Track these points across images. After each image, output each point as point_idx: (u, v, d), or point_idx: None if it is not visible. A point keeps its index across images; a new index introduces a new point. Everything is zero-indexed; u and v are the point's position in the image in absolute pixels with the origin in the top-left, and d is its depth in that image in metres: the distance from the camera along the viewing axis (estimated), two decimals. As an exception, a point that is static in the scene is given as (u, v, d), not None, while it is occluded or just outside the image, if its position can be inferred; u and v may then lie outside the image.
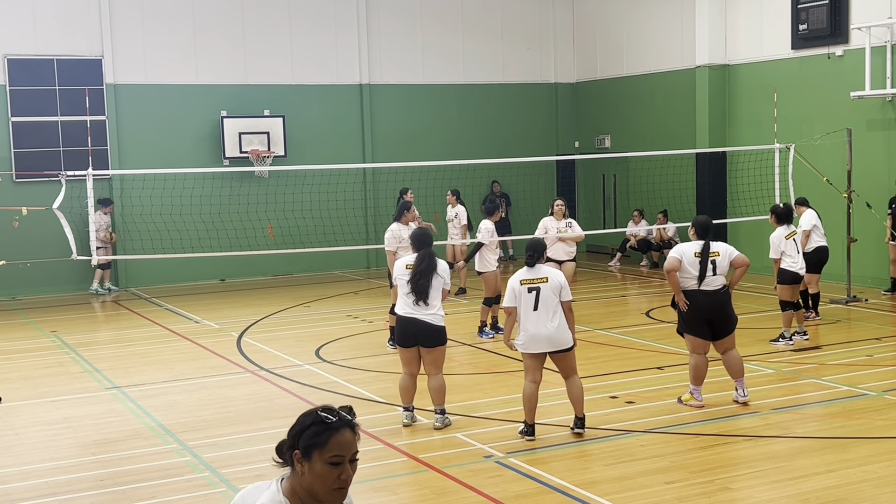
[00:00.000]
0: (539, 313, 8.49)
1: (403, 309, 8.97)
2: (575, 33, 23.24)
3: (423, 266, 8.92)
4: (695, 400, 9.55)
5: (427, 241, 9.14)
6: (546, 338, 8.51)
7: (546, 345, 8.55)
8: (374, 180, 20.99)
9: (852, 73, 16.68)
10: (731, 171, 19.31)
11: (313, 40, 20.96)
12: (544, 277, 8.58)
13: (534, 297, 8.52)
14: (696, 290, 9.37)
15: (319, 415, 3.28)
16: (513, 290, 8.62)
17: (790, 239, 12.42)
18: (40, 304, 17.86)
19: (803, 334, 12.51)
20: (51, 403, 10.59)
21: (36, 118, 18.84)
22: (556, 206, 14.02)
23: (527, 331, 8.56)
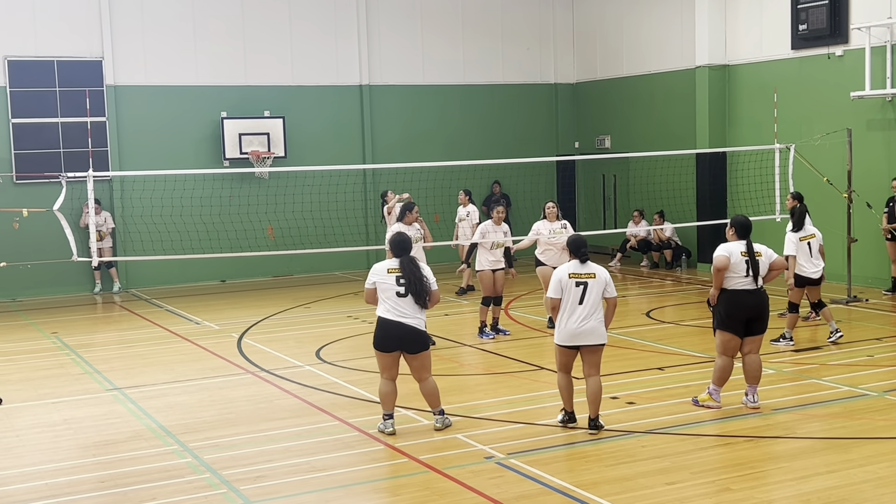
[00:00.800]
0: (584, 307, 8.68)
1: (390, 312, 8.90)
2: (575, 34, 23.25)
3: (408, 273, 8.90)
4: (713, 401, 9.52)
5: (407, 246, 9.12)
6: (588, 331, 8.70)
7: (583, 338, 8.72)
8: (375, 181, 20.99)
9: (852, 74, 16.68)
10: (732, 172, 19.31)
11: (313, 41, 20.96)
12: (593, 273, 8.77)
13: (581, 290, 8.68)
14: (741, 290, 9.35)
15: None
16: (560, 281, 8.74)
17: (804, 242, 12.32)
18: (41, 306, 17.86)
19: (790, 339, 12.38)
20: (51, 405, 10.59)
21: (36, 119, 18.84)
22: (549, 209, 13.92)
23: (568, 324, 8.70)
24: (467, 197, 17.93)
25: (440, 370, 11.68)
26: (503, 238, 13.39)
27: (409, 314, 8.88)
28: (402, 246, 9.10)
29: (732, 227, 9.69)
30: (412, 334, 8.90)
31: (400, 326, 8.87)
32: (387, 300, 8.92)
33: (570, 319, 8.70)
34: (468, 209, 17.62)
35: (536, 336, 13.62)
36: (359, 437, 8.99)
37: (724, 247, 9.54)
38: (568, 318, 8.71)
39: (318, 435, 9.07)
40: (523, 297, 17.08)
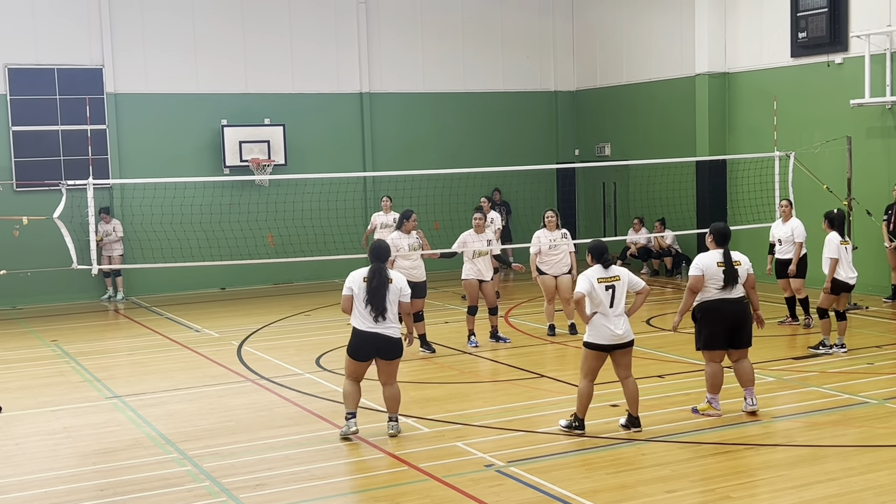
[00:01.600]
0: (615, 309, 8.87)
1: (363, 323, 8.94)
2: (574, 41, 23.28)
3: (375, 281, 8.92)
4: (712, 409, 9.53)
5: (381, 254, 9.13)
6: (620, 333, 8.87)
7: (617, 339, 8.88)
8: (375, 189, 21.00)
9: (852, 81, 16.70)
10: (731, 179, 19.32)
11: (313, 49, 20.99)
12: (617, 276, 8.97)
13: (611, 294, 8.86)
14: (721, 299, 9.39)
15: None
16: (590, 282, 8.86)
17: (843, 246, 12.07)
18: (41, 314, 17.86)
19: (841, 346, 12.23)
20: (51, 413, 10.58)
21: (36, 127, 18.86)
22: (548, 219, 13.83)
23: (604, 326, 8.85)
24: (489, 203, 17.94)
25: (441, 378, 11.69)
26: (485, 247, 13.25)
27: (384, 323, 8.92)
28: (375, 253, 9.14)
29: (711, 234, 9.72)
30: (388, 343, 8.97)
31: (376, 337, 8.92)
32: (362, 309, 8.94)
33: (606, 322, 8.85)
34: (491, 215, 17.60)
35: (536, 344, 13.61)
36: (359, 444, 8.98)
37: (698, 262, 9.50)
38: (603, 321, 8.85)
39: (318, 443, 9.06)
40: (523, 305, 17.07)
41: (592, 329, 8.92)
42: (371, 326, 8.93)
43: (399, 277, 9.17)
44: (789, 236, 13.74)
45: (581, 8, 23.07)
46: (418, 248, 12.94)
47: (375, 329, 8.92)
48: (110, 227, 18.77)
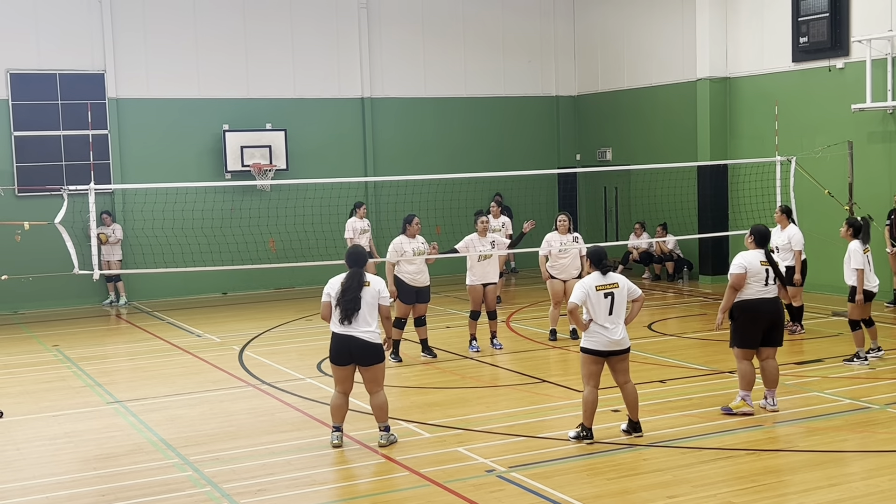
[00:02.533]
0: (613, 317, 8.87)
1: (337, 327, 8.92)
2: (576, 46, 23.30)
3: (349, 285, 8.90)
4: (747, 406, 9.65)
5: (358, 259, 9.12)
6: (617, 340, 8.86)
7: (615, 345, 8.87)
8: (376, 194, 21.01)
9: (853, 86, 16.70)
10: (733, 184, 19.32)
11: (315, 54, 21.02)
12: (616, 283, 8.96)
13: (609, 301, 8.85)
14: (761, 299, 9.55)
15: None
16: (586, 292, 8.87)
17: (867, 254, 11.89)
18: (42, 319, 17.87)
19: (878, 350, 12.12)
20: (52, 418, 10.58)
21: (38, 132, 18.88)
22: (560, 222, 13.86)
23: (600, 333, 8.85)
24: (499, 208, 17.88)
25: (442, 382, 11.68)
26: (490, 250, 13.24)
27: (360, 327, 8.86)
28: (352, 259, 9.14)
29: (752, 234, 9.87)
30: (362, 347, 8.88)
31: (349, 339, 8.86)
32: (336, 314, 8.93)
33: (602, 329, 8.84)
34: (501, 220, 17.60)
35: (538, 349, 13.61)
36: (360, 450, 8.97)
37: (742, 259, 9.65)
38: (601, 328, 8.85)
39: (319, 448, 9.05)
40: (526, 310, 17.07)
41: (589, 335, 8.92)
42: (346, 329, 8.87)
43: (377, 281, 9.07)
44: (786, 244, 13.58)
45: (582, 13, 23.09)
46: (423, 252, 12.89)
47: (350, 332, 8.86)
48: (110, 230, 18.76)
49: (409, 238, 12.84)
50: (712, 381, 11.31)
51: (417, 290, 12.81)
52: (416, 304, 12.90)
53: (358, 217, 17.91)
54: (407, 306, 12.81)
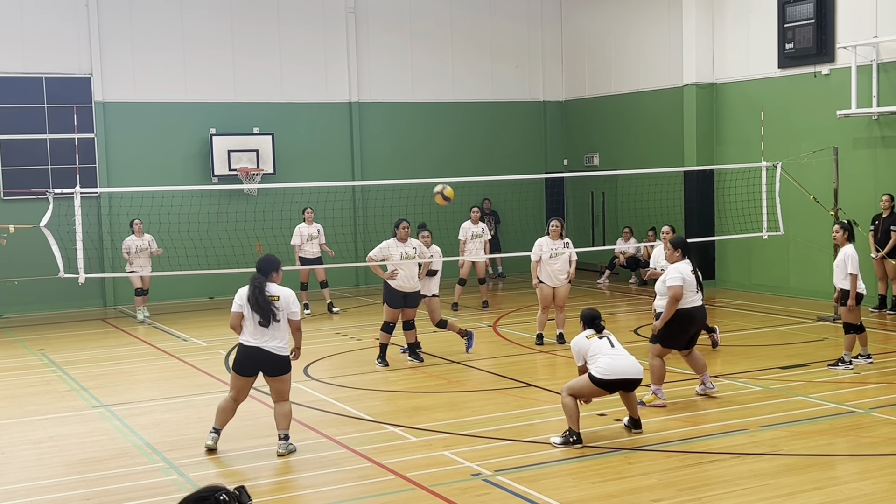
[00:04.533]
0: (616, 350, 9.10)
1: (246, 338, 8.90)
2: (563, 51, 23.36)
3: (253, 293, 8.88)
4: (659, 399, 10.28)
5: (262, 267, 9.06)
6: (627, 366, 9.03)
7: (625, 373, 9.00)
8: (364, 198, 21.01)
9: (838, 92, 16.79)
10: (719, 189, 19.39)
11: (302, 58, 21.02)
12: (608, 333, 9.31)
13: (606, 342, 9.14)
14: (697, 307, 10.35)
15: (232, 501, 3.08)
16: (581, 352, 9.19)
17: None
18: (27, 323, 17.79)
19: (867, 357, 12.07)
20: (37, 422, 10.54)
21: (24, 136, 18.83)
22: (552, 227, 13.68)
23: (610, 363, 8.98)
24: (479, 213, 18.03)
25: (429, 386, 11.68)
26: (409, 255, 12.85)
27: (268, 340, 8.86)
28: (259, 267, 9.10)
29: (677, 247, 10.38)
30: (270, 359, 8.88)
31: (257, 352, 8.87)
32: (250, 324, 8.90)
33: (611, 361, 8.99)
34: (481, 225, 17.67)
35: (525, 353, 13.62)
36: (346, 454, 8.96)
37: (676, 273, 10.22)
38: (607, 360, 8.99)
39: (305, 452, 9.04)
40: (512, 314, 17.09)
41: (604, 365, 8.97)
42: (254, 341, 8.86)
43: (286, 294, 8.98)
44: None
45: (570, 19, 23.15)
46: (413, 256, 12.83)
47: (259, 344, 8.85)
48: (144, 241, 17.40)
49: (398, 242, 12.81)
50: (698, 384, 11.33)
51: (405, 295, 12.79)
52: (404, 308, 12.88)
53: (306, 223, 17.52)
54: (394, 311, 12.77)
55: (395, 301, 12.73)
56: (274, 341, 8.88)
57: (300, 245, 17.44)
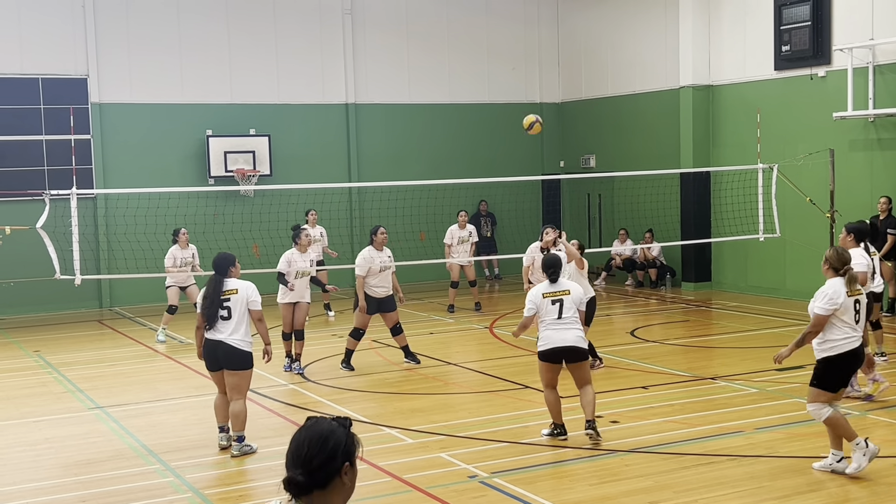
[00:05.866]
0: (563, 321, 8.96)
1: (210, 333, 8.99)
2: (560, 53, 23.37)
3: (207, 292, 9.01)
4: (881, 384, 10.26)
5: (218, 266, 9.17)
6: (564, 339, 8.92)
7: (560, 343, 8.91)
8: (360, 199, 21.01)
9: (835, 94, 16.81)
10: (715, 191, 19.41)
11: (299, 59, 21.01)
12: (566, 290, 9.10)
13: (557, 307, 8.97)
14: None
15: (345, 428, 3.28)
16: (533, 302, 9.01)
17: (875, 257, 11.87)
18: (23, 324, 17.77)
19: (881, 355, 12.16)
20: (33, 424, 10.52)
21: (20, 137, 18.80)
22: (546, 235, 13.27)
23: (551, 339, 8.95)
24: (467, 216, 17.98)
25: (425, 388, 11.68)
26: (308, 267, 12.78)
27: (227, 333, 8.93)
28: (214, 265, 9.22)
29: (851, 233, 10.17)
30: (229, 352, 8.96)
31: (218, 345, 8.95)
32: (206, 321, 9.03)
33: (552, 334, 8.95)
34: (468, 229, 17.67)
35: (522, 355, 13.61)
36: (342, 456, 8.94)
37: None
38: (548, 333, 8.96)
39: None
40: (508, 316, 17.09)
41: (542, 339, 9.00)
42: (213, 335, 8.95)
43: (244, 286, 9.12)
44: None
45: (566, 20, 23.16)
46: (389, 267, 12.69)
47: (217, 337, 8.95)
48: (189, 252, 15.67)
49: (377, 250, 12.71)
50: (694, 387, 11.35)
51: (379, 301, 12.69)
52: (380, 313, 12.73)
53: (309, 225, 16.97)
54: (366, 317, 12.63)
55: (369, 307, 12.60)
56: (236, 335, 8.96)
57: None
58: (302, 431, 3.30)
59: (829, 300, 7.96)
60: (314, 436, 3.26)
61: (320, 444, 3.24)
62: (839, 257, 8.12)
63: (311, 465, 3.22)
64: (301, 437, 3.28)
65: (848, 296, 7.99)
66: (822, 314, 7.95)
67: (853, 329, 8.01)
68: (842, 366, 8.07)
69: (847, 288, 7.98)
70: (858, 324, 8.06)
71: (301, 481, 3.21)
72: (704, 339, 14.54)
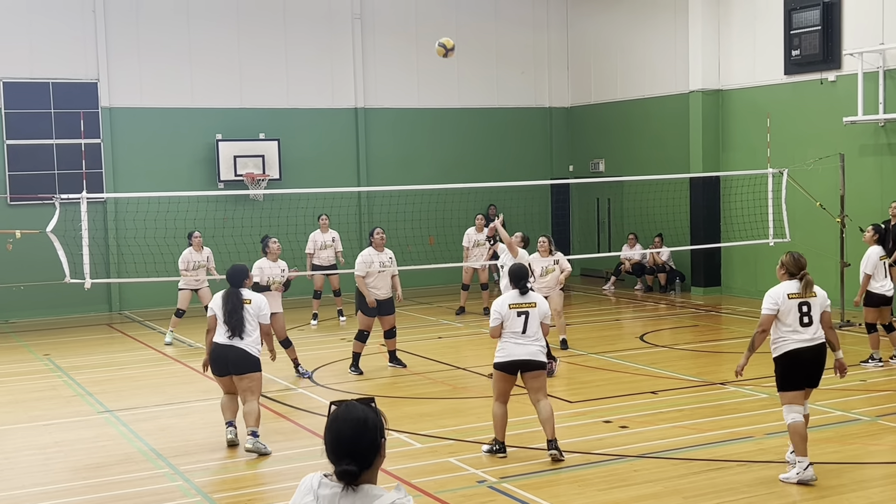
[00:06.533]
0: (527, 336, 8.77)
1: (221, 338, 9.21)
2: (569, 58, 23.36)
3: (229, 305, 9.23)
4: None
5: (233, 279, 9.39)
6: (523, 353, 8.73)
7: (519, 356, 8.73)
8: (369, 204, 21.02)
9: (845, 99, 16.77)
10: (725, 196, 19.37)
11: (308, 64, 21.04)
12: (533, 302, 8.87)
13: (523, 320, 8.78)
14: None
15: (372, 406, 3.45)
16: (499, 313, 8.81)
17: (882, 261, 12.26)
18: (33, 328, 17.81)
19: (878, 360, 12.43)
20: (43, 427, 10.54)
21: (31, 141, 18.87)
22: (540, 244, 13.40)
23: (512, 352, 8.75)
24: (484, 219, 17.93)
25: (434, 393, 11.67)
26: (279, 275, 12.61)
27: (240, 339, 9.17)
28: (229, 278, 9.43)
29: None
30: (240, 356, 9.17)
31: (230, 349, 9.15)
32: (220, 327, 9.23)
33: (513, 347, 8.74)
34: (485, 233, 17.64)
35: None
36: (351, 460, 8.93)
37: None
38: (509, 345, 8.75)
39: (310, 458, 9.02)
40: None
41: (503, 350, 8.79)
42: (227, 341, 9.17)
43: (258, 298, 9.37)
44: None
45: (576, 25, 23.16)
46: (389, 267, 12.72)
47: (231, 343, 9.18)
48: (203, 256, 15.73)
49: (376, 251, 12.74)
50: (704, 392, 11.33)
51: (379, 303, 12.71)
52: (380, 316, 12.74)
53: (321, 230, 17.04)
54: (369, 319, 12.68)
55: (369, 309, 12.63)
56: (248, 339, 9.22)
57: (311, 254, 17.17)
58: (338, 421, 3.43)
59: (770, 301, 8.21)
60: (353, 423, 3.40)
61: (362, 431, 3.38)
62: (796, 262, 8.27)
63: (358, 452, 3.36)
64: (340, 426, 3.41)
65: (796, 297, 8.14)
66: (766, 314, 8.21)
67: (794, 331, 8.13)
68: (786, 364, 8.19)
69: (802, 291, 8.15)
70: (809, 326, 8.14)
71: (354, 470, 3.35)
72: (714, 343, 14.49)
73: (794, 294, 8.13)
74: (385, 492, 3.39)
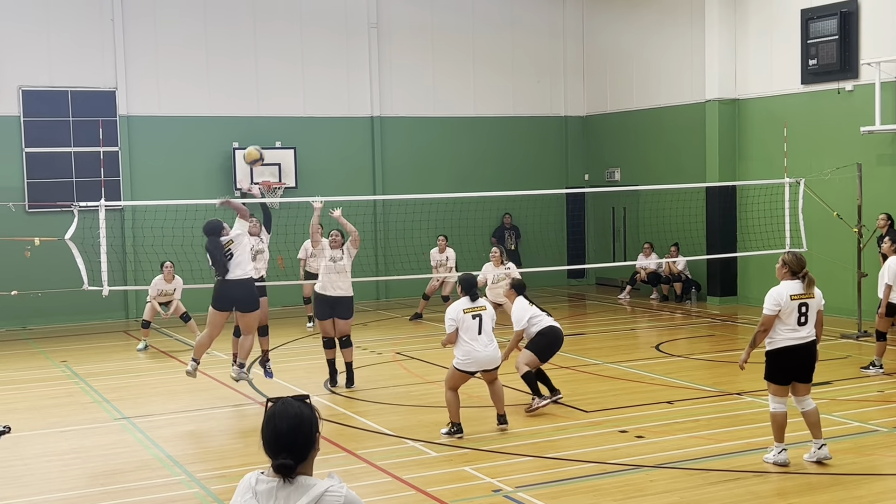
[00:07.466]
0: (482, 337, 9.82)
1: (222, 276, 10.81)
2: (585, 67, 23.36)
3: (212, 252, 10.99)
4: None
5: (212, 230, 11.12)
6: (486, 359, 9.84)
7: (485, 364, 9.87)
8: (385, 212, 21.06)
9: (862, 108, 16.72)
10: (741, 206, 19.32)
11: (325, 73, 21.12)
12: (483, 306, 9.98)
13: (477, 323, 9.81)
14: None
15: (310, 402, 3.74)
16: (454, 319, 9.78)
17: None
18: (51, 334, 17.91)
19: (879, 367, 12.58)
20: (60, 434, 10.60)
21: (49, 149, 18.99)
22: (492, 255, 15.42)
23: (471, 353, 9.78)
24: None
25: (448, 402, 11.65)
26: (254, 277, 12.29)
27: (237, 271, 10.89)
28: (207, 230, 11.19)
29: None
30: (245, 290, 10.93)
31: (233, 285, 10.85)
32: None
33: (473, 348, 9.76)
34: (445, 254, 18.27)
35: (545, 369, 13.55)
36: (366, 468, 8.97)
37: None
38: (468, 347, 9.76)
39: (325, 466, 9.03)
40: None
41: (465, 356, 9.77)
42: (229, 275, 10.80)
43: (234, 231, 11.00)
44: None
45: (592, 34, 23.17)
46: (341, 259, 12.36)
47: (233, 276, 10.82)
48: (171, 286, 16.25)
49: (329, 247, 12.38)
50: (720, 402, 11.29)
51: (332, 303, 12.27)
52: (333, 318, 12.25)
53: None
54: (324, 322, 12.23)
55: (321, 311, 12.21)
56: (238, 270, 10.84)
57: (303, 260, 17.38)
58: (275, 418, 3.68)
59: (773, 301, 8.61)
60: (290, 419, 3.66)
61: (298, 426, 3.65)
62: (798, 261, 8.73)
63: (295, 446, 3.65)
64: (277, 423, 3.67)
65: (798, 298, 8.55)
66: (768, 314, 8.59)
67: (792, 330, 8.54)
68: (781, 358, 8.56)
69: (803, 291, 8.57)
70: (805, 325, 8.57)
71: (291, 464, 3.63)
72: (730, 353, 14.44)
73: (796, 295, 8.54)
74: (318, 481, 3.65)
